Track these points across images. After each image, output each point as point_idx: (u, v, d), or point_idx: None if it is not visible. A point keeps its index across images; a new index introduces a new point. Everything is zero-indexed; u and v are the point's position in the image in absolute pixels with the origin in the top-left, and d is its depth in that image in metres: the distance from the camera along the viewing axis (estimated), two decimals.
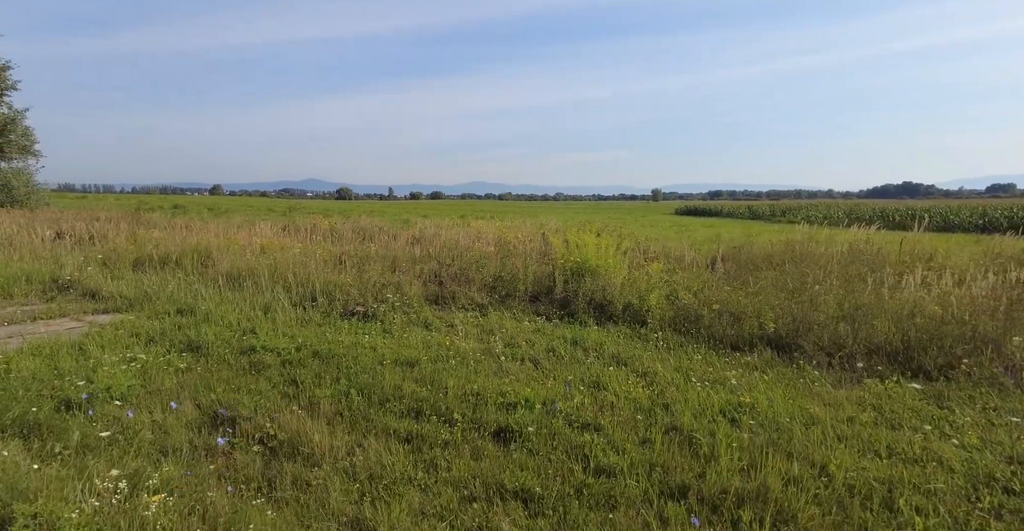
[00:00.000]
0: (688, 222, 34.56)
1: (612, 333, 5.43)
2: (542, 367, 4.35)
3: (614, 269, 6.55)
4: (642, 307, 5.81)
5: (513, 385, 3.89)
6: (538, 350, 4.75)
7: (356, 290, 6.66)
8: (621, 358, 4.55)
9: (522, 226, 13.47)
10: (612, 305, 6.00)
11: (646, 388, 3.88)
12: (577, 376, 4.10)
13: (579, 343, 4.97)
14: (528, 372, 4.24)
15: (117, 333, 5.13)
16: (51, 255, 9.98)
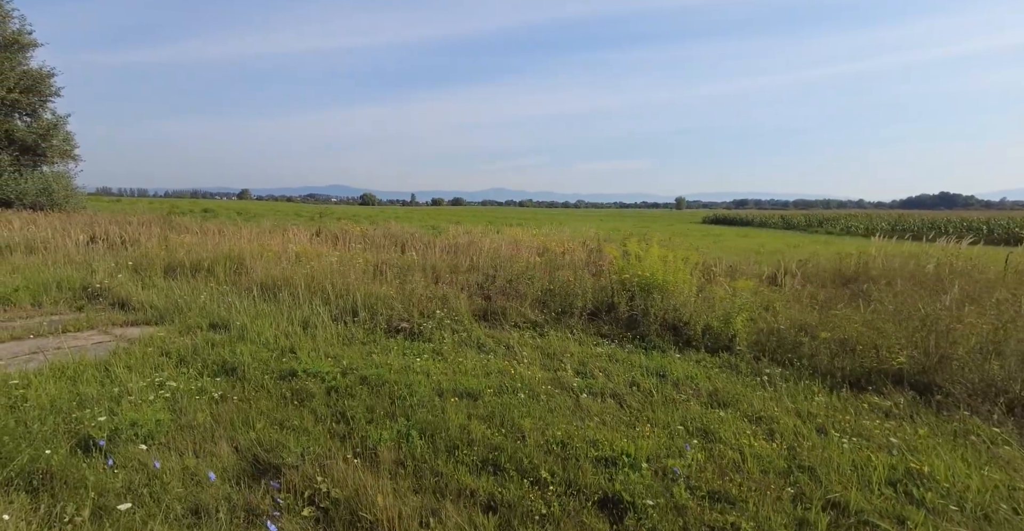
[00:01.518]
0: (720, 231, 33.37)
1: (698, 363, 4.71)
2: (628, 407, 3.67)
3: (684, 285, 5.86)
4: (726, 331, 5.10)
5: (602, 431, 3.24)
6: (618, 383, 4.09)
7: (400, 303, 6.11)
8: (721, 397, 3.84)
9: (559, 234, 12.82)
10: (688, 327, 5.30)
11: (769, 440, 3.17)
12: (676, 421, 3.42)
13: (665, 375, 4.28)
14: (613, 413, 3.57)
15: (146, 351, 4.66)
16: (83, 260, 9.75)
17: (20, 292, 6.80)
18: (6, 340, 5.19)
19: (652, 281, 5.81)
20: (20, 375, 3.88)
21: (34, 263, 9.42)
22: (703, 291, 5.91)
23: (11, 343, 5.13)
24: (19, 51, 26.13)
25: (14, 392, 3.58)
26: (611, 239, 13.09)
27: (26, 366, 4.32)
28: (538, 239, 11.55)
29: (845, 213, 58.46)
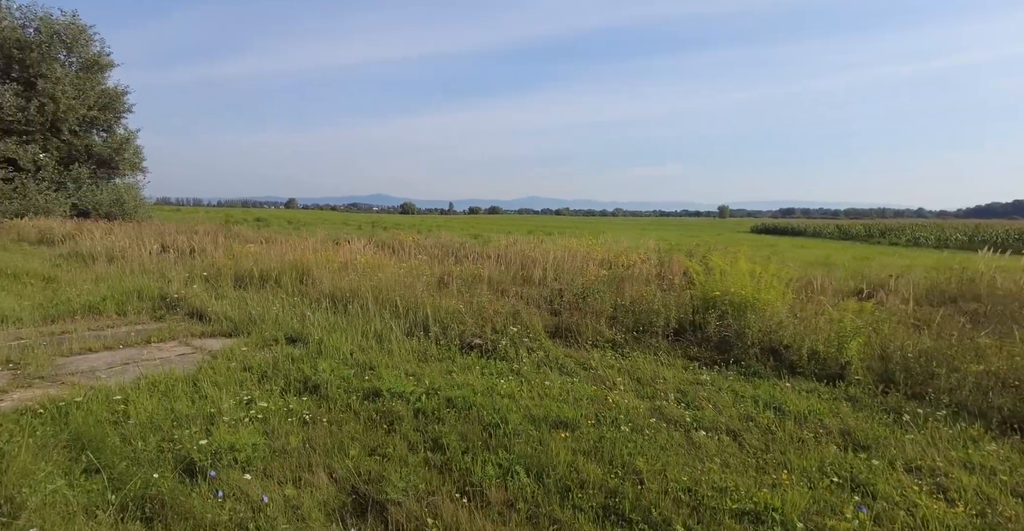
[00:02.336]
0: (773, 242, 31.88)
1: (811, 393, 4.26)
2: (750, 447, 3.30)
3: (778, 303, 5.40)
4: (837, 357, 4.62)
5: (730, 477, 2.89)
6: (730, 417, 3.72)
7: (470, 318, 5.93)
8: (857, 438, 3.40)
9: (616, 244, 12.42)
10: (791, 351, 4.85)
11: (947, 502, 2.69)
12: (813, 466, 3.03)
13: (781, 409, 3.87)
14: (734, 453, 3.21)
15: (229, 366, 4.64)
16: (157, 268, 10.14)
17: (107, 301, 7.06)
18: (99, 350, 5.33)
19: (743, 298, 5.38)
20: (119, 388, 3.91)
21: (114, 272, 9.88)
22: (799, 310, 5.42)
23: (105, 353, 5.26)
24: (99, 71, 28.11)
25: (117, 407, 3.59)
26: (673, 250, 12.57)
27: (122, 378, 4.37)
28: (595, 250, 11.19)
29: (909, 222, 54.83)
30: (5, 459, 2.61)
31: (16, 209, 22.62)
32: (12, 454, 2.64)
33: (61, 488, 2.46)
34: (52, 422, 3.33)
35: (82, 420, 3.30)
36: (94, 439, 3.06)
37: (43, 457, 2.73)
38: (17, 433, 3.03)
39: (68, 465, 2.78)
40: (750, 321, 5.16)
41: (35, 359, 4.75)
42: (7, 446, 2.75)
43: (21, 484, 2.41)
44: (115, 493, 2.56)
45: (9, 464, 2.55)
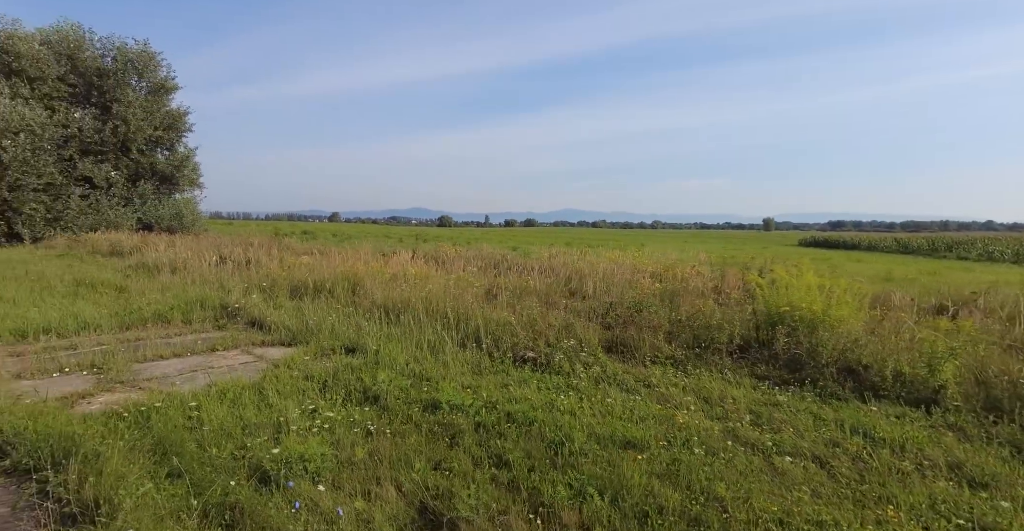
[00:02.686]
0: (826, 255, 30.39)
1: (900, 419, 3.94)
2: (841, 476, 3.05)
3: (852, 320, 5.07)
4: (928, 380, 4.26)
5: (824, 509, 2.67)
6: (812, 442, 3.47)
7: (522, 331, 5.86)
8: (971, 473, 3.08)
9: (665, 257, 12.12)
10: (872, 372, 4.51)
11: None
12: (923, 503, 2.75)
13: (870, 435, 3.59)
14: (824, 483, 2.98)
15: (291, 375, 4.74)
16: (216, 279, 10.61)
17: (174, 311, 7.41)
18: (169, 357, 5.57)
19: (813, 314, 5.08)
20: (192, 395, 4.04)
21: (177, 282, 10.40)
22: (876, 328, 5.07)
23: (175, 360, 5.48)
24: (164, 94, 30.13)
25: (191, 413, 3.70)
26: (722, 263, 12.17)
27: (193, 385, 4.53)
28: (643, 262, 10.96)
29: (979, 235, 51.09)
30: (100, 460, 2.71)
31: (91, 223, 24.35)
32: (106, 456, 2.74)
33: (150, 491, 2.53)
34: (136, 426, 3.46)
35: (162, 425, 3.42)
36: (174, 444, 3.15)
37: (131, 460, 2.82)
38: (107, 435, 3.16)
39: (153, 468, 2.87)
40: (822, 338, 4.85)
41: (115, 364, 5.00)
42: (101, 447, 2.86)
43: (117, 486, 2.49)
44: (197, 498, 2.61)
45: (104, 465, 2.64)
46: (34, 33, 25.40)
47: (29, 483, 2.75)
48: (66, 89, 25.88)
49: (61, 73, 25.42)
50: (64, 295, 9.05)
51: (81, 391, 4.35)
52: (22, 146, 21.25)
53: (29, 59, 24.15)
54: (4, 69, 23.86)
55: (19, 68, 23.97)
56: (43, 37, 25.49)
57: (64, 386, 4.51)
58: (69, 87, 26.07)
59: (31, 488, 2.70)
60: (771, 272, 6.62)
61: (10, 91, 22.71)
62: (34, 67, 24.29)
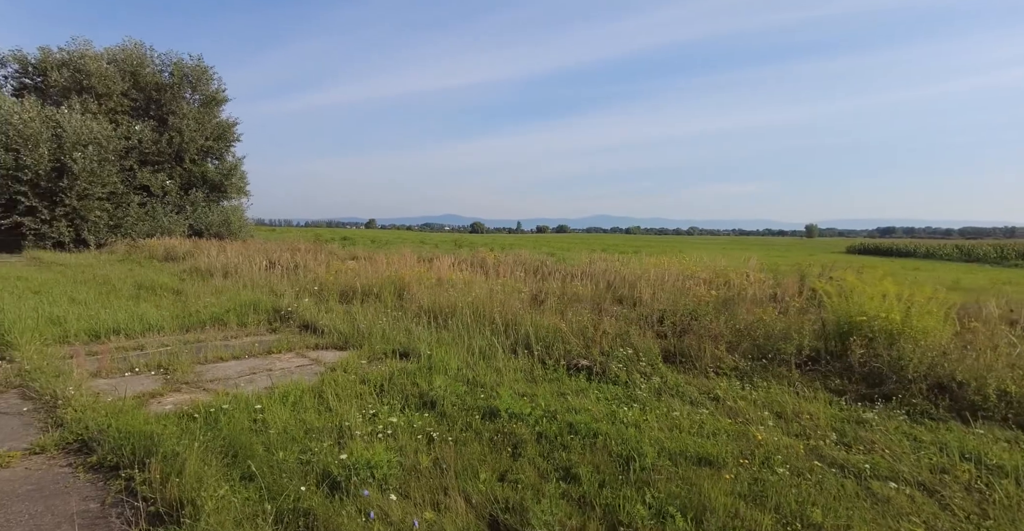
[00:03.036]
0: (878, 263, 28.84)
1: (1017, 444, 3.58)
2: (958, 508, 2.76)
3: (937, 331, 4.69)
4: None
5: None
6: (913, 467, 3.17)
7: (574, 338, 5.73)
8: None
9: (713, 263, 11.72)
10: (969, 389, 4.13)
11: None
12: None
13: (981, 462, 3.26)
14: (937, 515, 2.70)
15: (348, 379, 4.75)
16: (266, 282, 10.93)
17: (230, 313, 7.64)
18: (229, 359, 5.71)
19: (892, 325, 4.73)
20: (256, 397, 4.10)
21: (230, 286, 10.77)
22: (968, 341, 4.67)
23: (233, 362, 5.62)
24: (215, 106, 31.61)
25: (256, 416, 3.75)
26: (772, 270, 11.66)
27: (253, 387, 4.60)
28: (691, 268, 10.62)
29: None
30: (179, 460, 2.75)
31: (148, 230, 25.71)
32: (185, 456, 2.78)
33: (227, 494, 2.53)
34: (206, 426, 3.52)
35: (230, 427, 3.46)
36: (243, 447, 3.18)
37: (206, 461, 2.85)
38: (182, 435, 3.23)
39: (226, 471, 2.89)
40: (905, 351, 4.50)
41: (180, 365, 5.16)
42: (179, 447, 2.91)
43: (198, 487, 2.51)
44: (270, 502, 2.60)
45: (183, 466, 2.68)
46: (102, 52, 27.22)
47: (115, 480, 2.82)
48: (128, 103, 27.56)
49: (124, 89, 27.09)
50: (128, 298, 9.49)
51: (152, 391, 4.50)
52: (90, 157, 22.68)
53: (98, 77, 25.86)
54: (76, 87, 25.62)
55: (89, 85, 25.70)
56: (110, 56, 27.27)
57: (136, 385, 4.67)
58: (131, 101, 27.75)
59: (117, 485, 2.77)
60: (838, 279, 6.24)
61: (81, 107, 24.34)
62: (102, 84, 25.98)
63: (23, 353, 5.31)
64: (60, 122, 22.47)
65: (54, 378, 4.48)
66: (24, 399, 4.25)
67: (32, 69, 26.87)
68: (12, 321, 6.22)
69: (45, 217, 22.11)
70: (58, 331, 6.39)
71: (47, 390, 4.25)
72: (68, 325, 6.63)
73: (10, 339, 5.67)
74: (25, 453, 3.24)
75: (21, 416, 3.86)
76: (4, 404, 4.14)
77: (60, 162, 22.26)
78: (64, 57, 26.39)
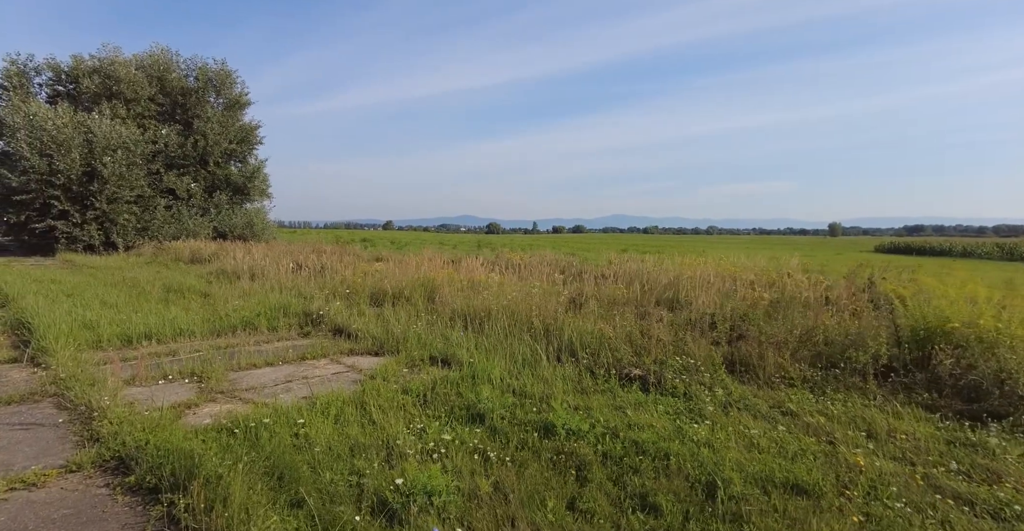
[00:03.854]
0: (917, 263, 27.69)
1: None
2: None
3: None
4: None
5: None
6: None
7: (622, 344, 5.39)
8: None
9: (752, 263, 11.24)
10: None
11: None
12: None
13: None
14: None
15: (388, 388, 4.50)
16: (293, 285, 10.81)
17: (260, 317, 7.48)
18: (262, 366, 5.52)
19: (981, 331, 4.29)
20: (296, 409, 3.87)
21: (257, 288, 10.67)
22: None
23: (267, 369, 5.43)
24: (239, 109, 31.96)
25: (298, 431, 3.51)
26: (808, 271, 11.11)
27: (291, 397, 4.39)
28: (729, 269, 10.15)
29: None
30: (222, 484, 2.52)
31: (173, 232, 26.09)
32: (228, 480, 2.54)
33: (276, 526, 2.28)
34: (246, 442, 3.30)
35: (272, 445, 3.23)
36: (288, 468, 2.94)
37: (250, 485, 2.61)
38: (223, 453, 3.00)
39: (272, 495, 2.65)
40: (1009, 363, 4.05)
41: (213, 373, 4.98)
42: (221, 469, 2.68)
43: (246, 520, 2.26)
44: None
45: (229, 492, 2.44)
46: (131, 59, 27.74)
47: (155, 506, 2.60)
48: (155, 108, 28.04)
49: (151, 94, 27.56)
50: (157, 301, 9.45)
51: (186, 400, 4.31)
52: (119, 162, 23.09)
53: (127, 83, 26.37)
54: (106, 92, 26.16)
55: (118, 91, 26.21)
56: (138, 62, 27.78)
57: (170, 394, 4.49)
58: (158, 106, 28.23)
59: (158, 511, 2.54)
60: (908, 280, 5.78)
61: (111, 112, 24.81)
62: (130, 90, 26.48)
63: (58, 359, 5.19)
64: (91, 127, 22.91)
65: (89, 387, 4.32)
66: (59, 409, 4.10)
67: (65, 76, 27.52)
68: (47, 326, 6.14)
69: (77, 221, 22.55)
70: (91, 336, 6.30)
71: (82, 400, 4.09)
72: (101, 330, 6.54)
73: (45, 345, 5.58)
74: (61, 471, 3.05)
75: (56, 428, 3.69)
76: (40, 414, 3.99)
77: (91, 166, 22.70)
78: (95, 64, 26.97)
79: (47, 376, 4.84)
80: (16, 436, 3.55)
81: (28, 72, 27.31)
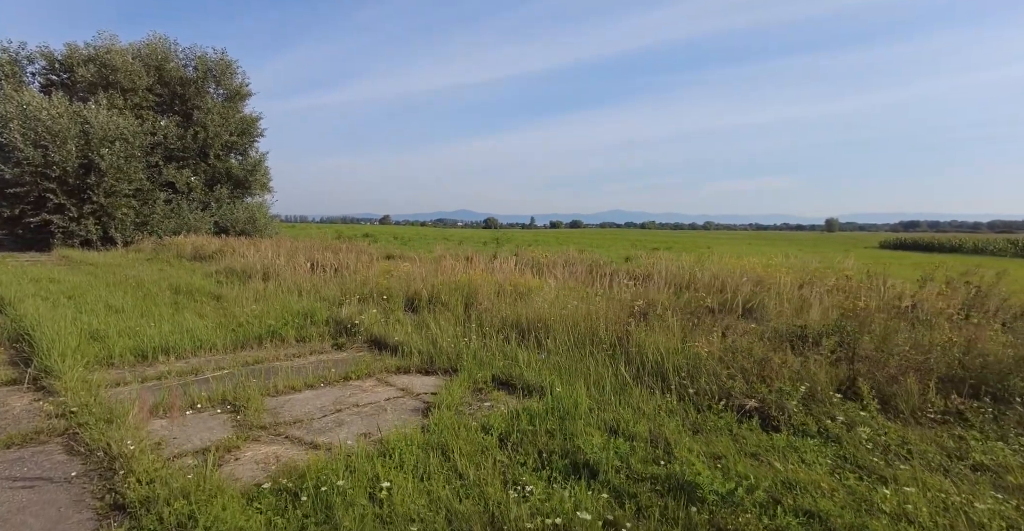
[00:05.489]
0: (928, 259, 27.09)
1: None
2: None
3: None
4: None
5: None
6: None
7: (722, 367, 4.67)
8: None
9: (799, 262, 10.54)
10: None
11: None
12: None
13: None
14: None
15: (462, 423, 3.77)
16: (311, 287, 10.04)
17: (287, 326, 6.73)
18: (302, 388, 4.78)
19: None
20: (363, 455, 3.13)
21: (272, 290, 9.88)
22: None
23: (308, 393, 4.69)
24: (239, 100, 30.88)
25: (379, 493, 2.77)
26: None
27: (345, 434, 3.66)
28: (780, 269, 9.46)
29: None
30: None
31: (174, 227, 25.17)
32: None
33: None
34: (319, 514, 2.56)
35: (350, 517, 2.50)
36: None
37: None
38: None
39: None
40: None
41: (249, 400, 4.24)
42: None
43: None
44: None
45: None
46: (128, 47, 26.66)
47: None
48: (153, 98, 27.00)
49: (149, 84, 26.51)
50: (166, 304, 8.68)
51: (224, 440, 3.57)
52: (117, 154, 22.12)
53: (124, 72, 25.32)
54: (102, 82, 25.11)
55: (115, 80, 25.17)
56: (134, 51, 26.70)
57: (203, 431, 3.76)
58: (156, 96, 27.19)
59: None
60: None
61: (108, 102, 23.80)
62: (127, 79, 25.43)
63: (65, 383, 4.44)
64: (88, 118, 21.92)
65: (106, 424, 3.58)
66: (71, 455, 3.36)
67: (59, 65, 26.44)
68: (52, 339, 5.37)
69: (73, 215, 21.62)
70: (101, 350, 5.54)
71: (99, 442, 3.35)
72: (111, 342, 5.78)
73: (50, 364, 4.81)
74: None
75: (69, 487, 2.95)
76: (47, 463, 3.24)
77: (88, 159, 21.73)
78: (90, 52, 25.89)
79: (54, 407, 4.09)
80: (18, 499, 2.81)
81: (20, 60, 26.23)
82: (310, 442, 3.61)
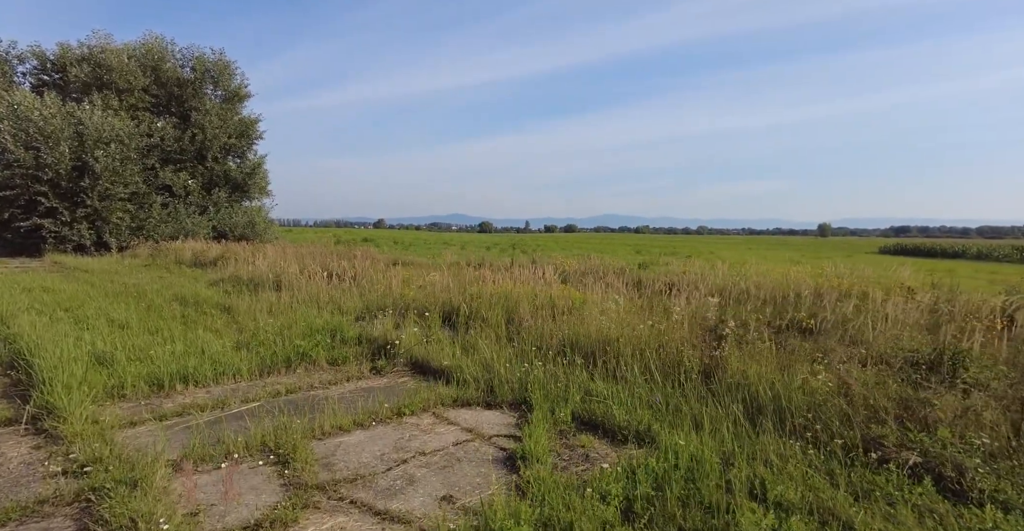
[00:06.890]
0: (948, 266, 26.75)
1: None
2: None
3: None
4: None
5: None
6: None
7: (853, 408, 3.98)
8: None
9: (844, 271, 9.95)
10: None
11: None
12: None
13: None
14: None
15: (568, 485, 3.07)
16: (329, 298, 9.31)
17: (318, 348, 5.98)
18: (351, 428, 4.04)
19: None
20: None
21: (287, 302, 9.14)
22: None
23: (359, 433, 3.95)
24: (238, 102, 30.01)
25: None
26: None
27: (421, 500, 2.94)
28: (832, 279, 8.84)
29: None
30: None
31: (171, 232, 24.24)
32: None
33: None
34: None
35: None
36: None
37: None
38: None
39: None
40: None
41: (294, 447, 3.51)
42: None
43: None
44: None
45: None
46: (123, 47, 25.78)
47: None
48: (149, 99, 26.13)
49: (145, 84, 25.65)
50: (173, 318, 7.92)
51: (275, 509, 2.84)
52: (112, 156, 21.25)
53: (119, 72, 24.45)
54: (97, 82, 24.22)
55: (109, 80, 24.29)
56: (130, 51, 25.82)
57: (246, 492, 3.03)
58: (152, 97, 26.31)
59: None
60: None
61: (102, 103, 22.92)
62: (123, 79, 24.56)
63: (72, 426, 3.70)
64: (81, 119, 21.04)
65: (128, 489, 2.84)
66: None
67: (51, 65, 25.52)
68: (53, 366, 4.60)
69: (66, 219, 20.70)
70: (110, 378, 4.79)
71: (121, 516, 2.62)
72: (120, 368, 5.03)
73: (52, 400, 4.05)
74: None
75: None
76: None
77: (81, 161, 20.84)
78: (84, 52, 25.00)
79: (61, 459, 3.34)
80: None
81: (10, 60, 25.28)
82: (382, 511, 2.89)
